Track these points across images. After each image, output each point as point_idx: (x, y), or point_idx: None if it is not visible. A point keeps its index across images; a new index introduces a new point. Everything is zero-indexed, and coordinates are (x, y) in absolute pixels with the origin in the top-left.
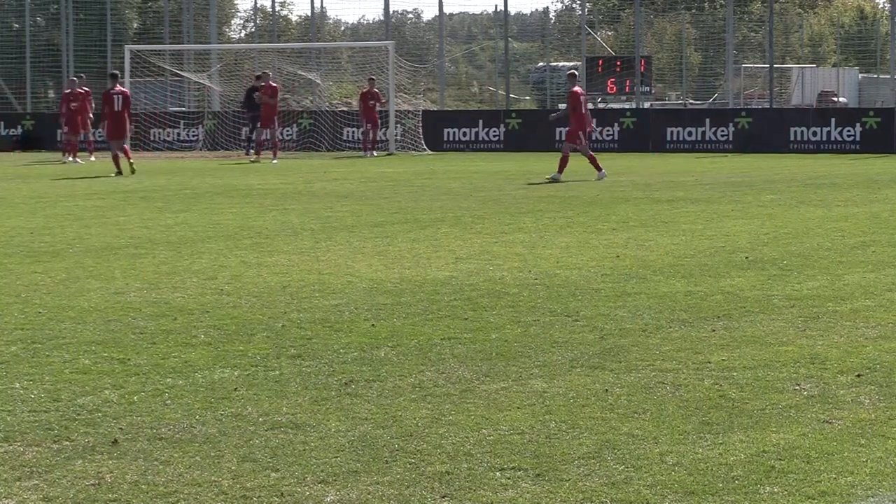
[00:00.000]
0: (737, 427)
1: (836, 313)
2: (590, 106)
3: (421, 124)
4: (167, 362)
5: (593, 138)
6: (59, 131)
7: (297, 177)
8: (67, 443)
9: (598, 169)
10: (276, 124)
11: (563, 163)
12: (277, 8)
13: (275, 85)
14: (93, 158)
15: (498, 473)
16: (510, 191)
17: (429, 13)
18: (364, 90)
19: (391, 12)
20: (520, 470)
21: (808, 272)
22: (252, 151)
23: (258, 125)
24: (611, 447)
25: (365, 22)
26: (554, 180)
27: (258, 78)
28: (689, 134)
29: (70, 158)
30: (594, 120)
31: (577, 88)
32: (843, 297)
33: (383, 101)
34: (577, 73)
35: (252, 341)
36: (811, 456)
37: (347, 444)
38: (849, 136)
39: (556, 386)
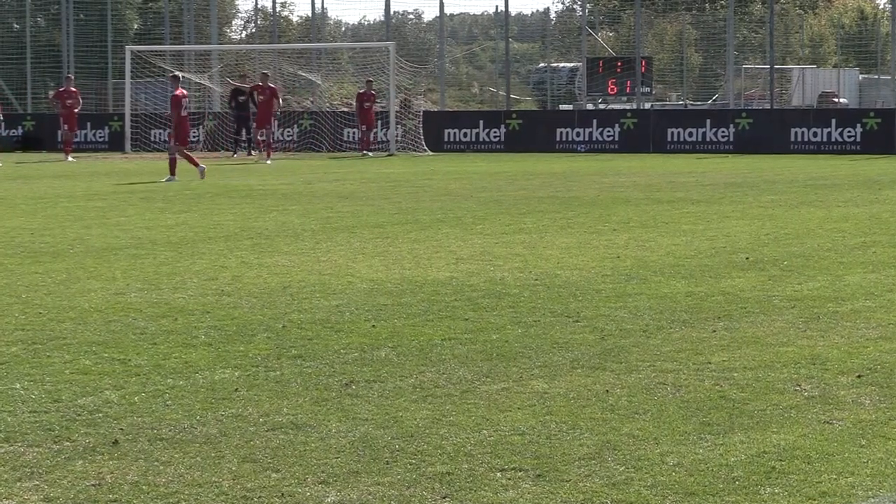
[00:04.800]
0: (737, 428)
1: (836, 314)
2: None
3: (421, 125)
4: (168, 363)
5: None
6: (59, 131)
7: (298, 177)
8: (68, 443)
9: (171, 173)
10: (272, 125)
11: (190, 160)
12: (278, 9)
13: (273, 86)
14: (71, 158)
15: (499, 474)
16: (511, 191)
17: (429, 14)
18: (361, 91)
19: (392, 13)
20: (520, 471)
21: (809, 273)
22: (240, 151)
23: (253, 125)
24: (611, 448)
25: (366, 23)
26: (200, 174)
27: (241, 78)
28: (690, 135)
29: (70, 158)
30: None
31: (179, 91)
32: (843, 297)
33: (376, 101)
34: (179, 75)
35: (253, 342)
36: (812, 457)
37: (348, 445)
38: (849, 136)
39: (557, 386)
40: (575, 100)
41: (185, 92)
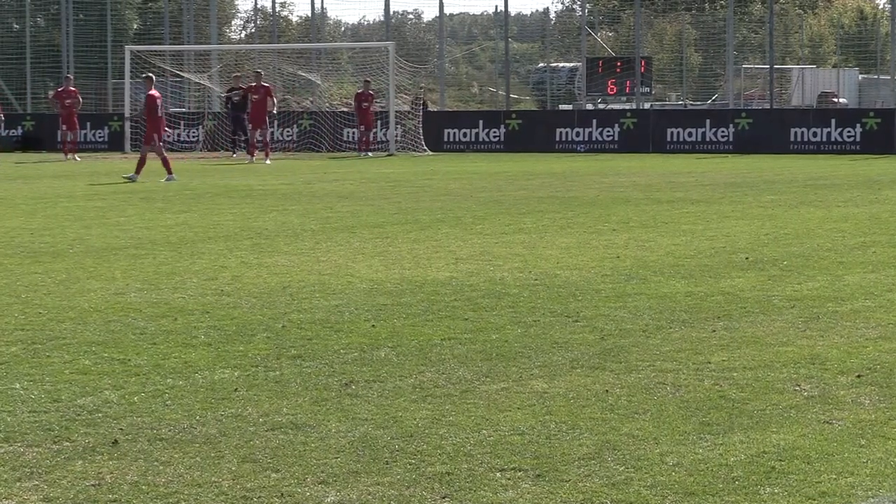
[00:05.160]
0: (737, 427)
1: (836, 314)
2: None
3: (421, 125)
4: (167, 363)
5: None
6: (58, 131)
7: (297, 177)
8: (68, 443)
9: (169, 172)
10: (268, 125)
11: (141, 163)
12: (278, 9)
13: (266, 85)
14: (77, 158)
15: (498, 474)
16: (510, 191)
17: (429, 14)
18: (359, 91)
19: (391, 13)
20: (520, 470)
21: (809, 273)
22: (240, 151)
23: (249, 126)
24: (611, 448)
25: (365, 23)
26: (131, 180)
27: (235, 79)
28: (690, 135)
29: (70, 157)
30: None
31: (153, 92)
32: (843, 297)
33: (374, 101)
34: (153, 77)
35: (252, 342)
36: (811, 456)
37: (347, 445)
38: (849, 136)
39: (557, 386)
40: (574, 100)
41: (159, 93)
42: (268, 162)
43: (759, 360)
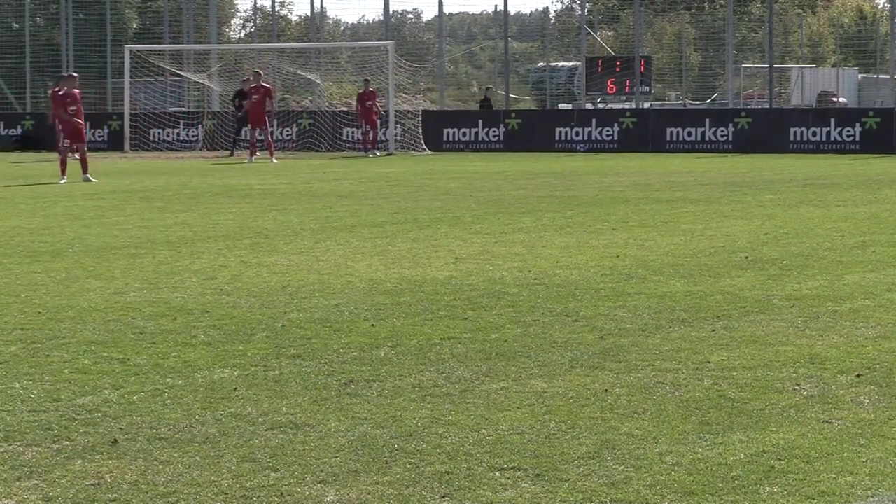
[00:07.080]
0: (736, 427)
1: (835, 313)
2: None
3: (421, 124)
4: (167, 362)
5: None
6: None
7: (297, 177)
8: (67, 443)
9: (63, 174)
10: (269, 124)
11: (83, 161)
12: (277, 8)
13: (267, 86)
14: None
15: (497, 473)
16: (510, 191)
17: (428, 13)
18: (360, 91)
19: (391, 12)
20: (519, 470)
21: (808, 272)
22: (240, 151)
23: (250, 126)
24: (610, 447)
25: (365, 22)
26: (87, 181)
27: (245, 82)
28: (689, 134)
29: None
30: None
31: (61, 91)
32: (842, 297)
33: (380, 102)
34: (75, 75)
35: (252, 341)
36: (811, 456)
37: (347, 444)
38: (848, 136)
39: (556, 386)
40: (574, 99)
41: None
42: (274, 161)
43: (759, 360)
